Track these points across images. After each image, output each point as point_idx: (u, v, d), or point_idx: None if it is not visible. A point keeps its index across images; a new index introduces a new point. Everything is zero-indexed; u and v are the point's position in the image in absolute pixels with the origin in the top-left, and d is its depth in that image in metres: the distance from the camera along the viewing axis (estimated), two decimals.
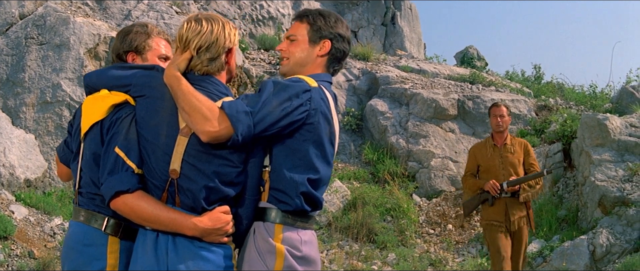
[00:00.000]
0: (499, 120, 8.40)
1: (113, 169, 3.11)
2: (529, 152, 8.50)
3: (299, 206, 3.22)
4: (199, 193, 3.10)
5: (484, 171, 8.44)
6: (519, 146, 8.49)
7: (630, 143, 11.41)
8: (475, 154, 8.63)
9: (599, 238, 10.01)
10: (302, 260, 3.22)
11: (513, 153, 8.37)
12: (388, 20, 21.19)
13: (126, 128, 3.18)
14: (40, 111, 11.40)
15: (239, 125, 3.02)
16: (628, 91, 15.43)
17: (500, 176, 8.25)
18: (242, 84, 14.28)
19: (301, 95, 3.18)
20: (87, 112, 3.32)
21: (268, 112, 3.09)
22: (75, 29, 11.94)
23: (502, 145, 8.43)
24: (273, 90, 3.15)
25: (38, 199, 10.22)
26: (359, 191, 12.56)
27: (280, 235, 3.20)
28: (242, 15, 17.31)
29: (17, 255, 8.85)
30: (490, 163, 8.39)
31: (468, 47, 20.94)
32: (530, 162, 8.42)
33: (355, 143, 14.83)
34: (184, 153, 3.10)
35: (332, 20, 3.52)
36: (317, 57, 3.49)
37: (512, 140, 8.53)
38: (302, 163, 3.22)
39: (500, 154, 8.40)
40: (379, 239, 11.44)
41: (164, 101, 3.17)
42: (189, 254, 3.08)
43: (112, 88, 3.33)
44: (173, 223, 3.07)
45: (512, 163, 8.31)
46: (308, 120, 3.21)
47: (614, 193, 10.58)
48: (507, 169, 8.28)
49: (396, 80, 15.71)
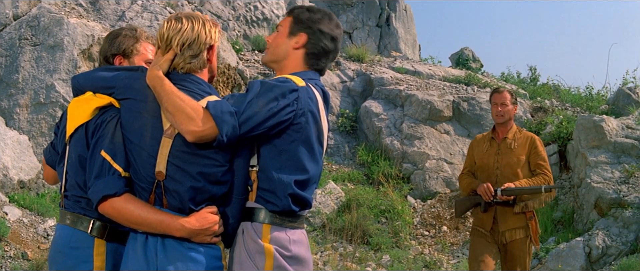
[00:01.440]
0: (500, 109, 7.20)
1: (100, 173, 3.12)
2: (537, 149, 7.14)
3: (287, 206, 3.21)
4: (185, 194, 3.10)
5: (479, 169, 7.28)
6: (523, 141, 7.18)
7: (626, 144, 11.41)
8: (473, 149, 7.48)
9: (595, 239, 9.99)
10: (292, 259, 3.21)
11: (513, 150, 7.10)
12: (383, 22, 21.20)
13: (112, 131, 3.18)
14: (34, 112, 11.36)
15: (223, 125, 3.01)
16: (624, 93, 15.43)
17: (493, 177, 7.06)
18: (237, 85, 14.24)
19: (288, 95, 3.16)
20: (72, 114, 3.32)
21: (254, 113, 3.08)
22: (69, 30, 11.90)
23: (501, 140, 7.21)
24: (259, 90, 3.14)
25: (31, 201, 10.19)
26: (353, 193, 12.53)
27: (268, 235, 3.19)
28: (236, 17, 17.27)
29: (11, 256, 8.82)
30: (485, 161, 7.22)
31: (463, 49, 20.91)
32: (537, 162, 7.08)
33: (349, 145, 14.80)
34: (169, 155, 3.10)
35: (318, 16, 3.49)
36: (293, 50, 3.46)
37: (515, 134, 7.23)
38: (290, 164, 3.21)
39: (497, 150, 7.18)
40: (373, 241, 11.41)
41: (147, 103, 3.17)
42: (178, 255, 3.09)
43: (96, 90, 3.33)
44: (161, 224, 3.07)
45: (510, 162, 7.05)
46: (295, 120, 3.20)
47: (610, 195, 10.57)
48: (503, 170, 7.06)
49: (391, 81, 15.68)
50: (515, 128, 7.32)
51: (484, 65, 20.68)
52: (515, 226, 6.95)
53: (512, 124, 7.33)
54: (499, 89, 7.45)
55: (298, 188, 3.22)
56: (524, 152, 7.12)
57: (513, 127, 7.30)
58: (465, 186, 7.32)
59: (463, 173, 7.49)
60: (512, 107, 7.27)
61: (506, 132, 7.24)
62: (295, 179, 3.21)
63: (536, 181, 6.93)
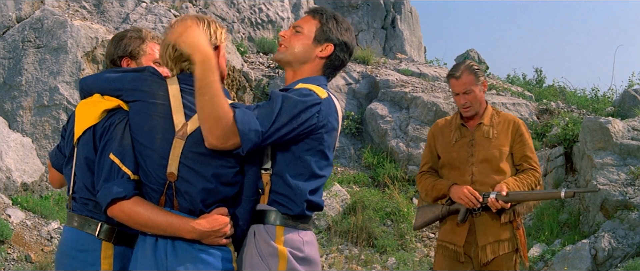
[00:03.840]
0: (462, 101, 5.34)
1: (108, 176, 3.10)
2: (523, 137, 5.36)
3: (302, 211, 3.21)
4: (197, 195, 3.08)
5: (447, 166, 5.43)
6: (504, 127, 5.36)
7: (632, 146, 11.36)
8: (435, 139, 5.55)
9: (601, 242, 9.95)
10: (303, 260, 3.21)
11: (491, 140, 5.30)
12: (388, 24, 21.17)
13: (120, 134, 3.16)
14: (37, 114, 11.34)
15: (248, 143, 3.01)
16: (630, 95, 15.39)
17: (467, 176, 5.28)
18: (241, 87, 14.23)
19: (310, 109, 3.15)
20: (80, 117, 3.30)
21: (277, 129, 3.07)
22: (72, 32, 11.88)
23: (475, 127, 5.39)
24: (282, 105, 3.10)
25: (35, 203, 10.17)
26: (359, 195, 12.50)
27: (282, 237, 3.18)
28: (240, 19, 17.25)
29: (14, 259, 8.81)
30: (455, 155, 5.37)
31: (469, 51, 20.91)
32: (524, 154, 5.34)
33: (355, 147, 14.77)
34: (181, 156, 3.08)
35: (343, 27, 3.47)
36: (317, 58, 3.42)
37: (493, 118, 5.41)
38: (306, 171, 3.21)
39: (470, 141, 5.35)
40: (378, 243, 11.38)
41: (157, 105, 3.15)
42: (188, 257, 3.07)
43: (104, 93, 3.31)
44: (171, 227, 3.05)
45: (489, 156, 5.27)
46: (315, 132, 3.19)
47: (616, 197, 10.52)
48: (481, 167, 5.27)
49: (396, 83, 15.66)
50: (490, 110, 5.46)
51: (489, 67, 20.68)
52: (499, 238, 5.23)
53: (485, 105, 5.46)
54: (455, 73, 5.35)
55: (312, 194, 3.23)
56: (506, 141, 5.33)
57: (488, 110, 5.45)
58: (430, 189, 5.42)
59: (422, 171, 5.59)
60: (479, 90, 5.35)
61: (480, 116, 5.41)
62: (310, 185, 3.22)
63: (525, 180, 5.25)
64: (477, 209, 5.17)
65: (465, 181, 5.24)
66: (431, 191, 5.37)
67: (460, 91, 5.30)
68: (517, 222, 5.27)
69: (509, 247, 5.21)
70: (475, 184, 5.20)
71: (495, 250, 5.18)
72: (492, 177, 5.21)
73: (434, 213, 5.36)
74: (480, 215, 5.22)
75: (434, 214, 5.36)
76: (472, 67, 5.37)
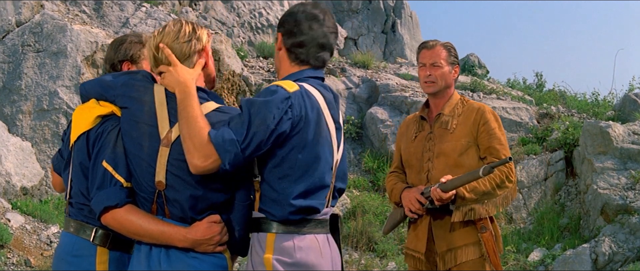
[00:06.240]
0: (429, 73, 4.78)
1: (102, 184, 3.09)
2: (488, 125, 4.65)
3: (291, 215, 3.13)
4: (185, 203, 3.06)
5: (406, 164, 4.93)
6: (466, 117, 4.72)
7: (633, 150, 11.34)
8: (401, 137, 5.06)
9: (601, 246, 9.93)
10: (292, 266, 3.11)
11: (450, 131, 4.69)
12: (388, 28, 21.15)
13: (113, 141, 3.15)
14: (37, 118, 11.35)
15: (226, 155, 2.96)
16: (631, 99, 15.36)
17: (423, 174, 4.71)
18: (241, 91, 14.21)
19: (280, 105, 3.07)
20: (75, 122, 3.31)
21: (253, 134, 3.00)
22: (72, 36, 11.88)
23: (434, 118, 4.82)
24: (252, 110, 3.05)
25: (34, 207, 10.18)
26: (359, 200, 12.48)
27: (272, 245, 3.12)
28: (240, 23, 17.26)
29: (14, 263, 8.81)
30: (412, 151, 4.84)
31: (469, 55, 20.84)
32: (490, 145, 4.61)
33: (355, 151, 14.75)
34: (167, 164, 3.06)
35: (290, 16, 3.40)
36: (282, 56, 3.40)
37: (456, 108, 4.79)
38: (291, 172, 3.13)
39: (428, 135, 4.79)
40: (378, 248, 11.35)
41: (144, 113, 3.13)
42: (182, 265, 3.06)
43: (100, 98, 3.31)
44: (163, 235, 3.04)
45: (446, 150, 4.67)
46: (295, 127, 3.11)
47: (617, 201, 10.50)
48: (437, 163, 4.67)
49: (396, 88, 15.64)
50: (456, 99, 4.85)
51: (490, 71, 20.63)
52: (461, 243, 4.59)
53: (452, 94, 4.87)
54: (428, 43, 4.88)
55: (301, 197, 3.14)
56: (468, 132, 4.66)
57: (453, 98, 4.84)
58: (389, 192, 4.98)
59: (390, 171, 5.12)
60: (449, 69, 4.81)
61: (442, 106, 4.82)
62: (296, 188, 3.13)
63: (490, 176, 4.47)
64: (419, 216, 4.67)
65: (421, 179, 4.70)
66: (390, 195, 4.94)
67: (428, 62, 4.77)
68: (482, 224, 4.57)
69: (474, 253, 4.57)
70: (432, 182, 4.59)
71: (457, 256, 4.59)
72: (450, 173, 4.50)
73: (395, 218, 4.89)
74: (441, 219, 4.63)
75: (396, 219, 4.89)
76: (447, 45, 4.87)
